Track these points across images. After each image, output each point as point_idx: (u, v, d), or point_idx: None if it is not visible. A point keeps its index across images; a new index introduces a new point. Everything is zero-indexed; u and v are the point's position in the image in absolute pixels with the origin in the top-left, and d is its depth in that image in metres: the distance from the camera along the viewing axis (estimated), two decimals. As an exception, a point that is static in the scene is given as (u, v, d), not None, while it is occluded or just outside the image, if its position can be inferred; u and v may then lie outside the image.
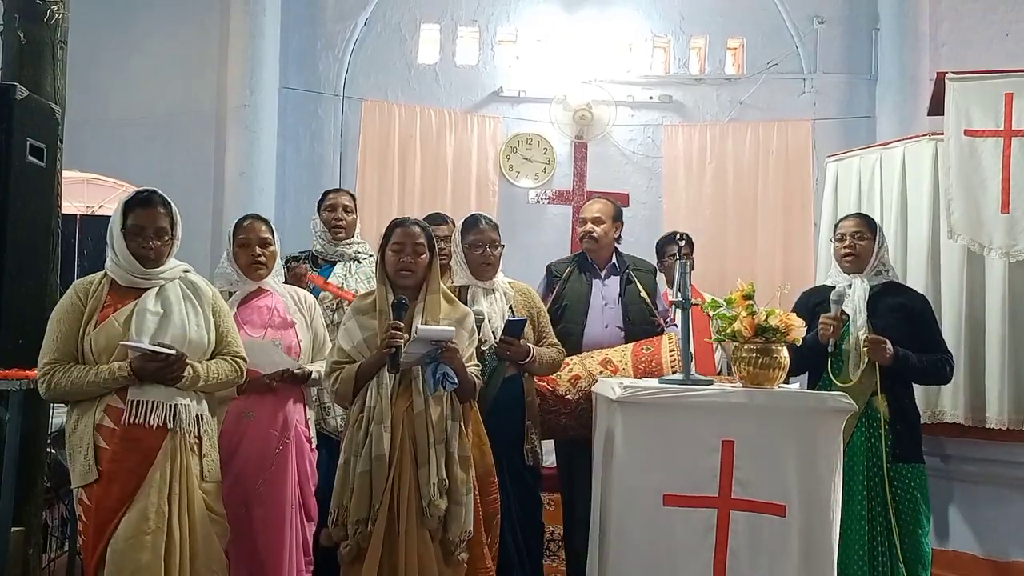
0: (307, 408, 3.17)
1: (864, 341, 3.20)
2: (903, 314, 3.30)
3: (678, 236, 4.21)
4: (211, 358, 2.73)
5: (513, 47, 6.75)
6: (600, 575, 2.83)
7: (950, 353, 3.41)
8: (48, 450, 3.53)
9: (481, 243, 3.31)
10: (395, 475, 2.71)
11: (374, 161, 6.42)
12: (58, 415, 3.62)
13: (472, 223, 3.36)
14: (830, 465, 2.73)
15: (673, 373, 3.24)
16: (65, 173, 3.68)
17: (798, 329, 2.83)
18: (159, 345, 2.55)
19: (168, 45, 6.49)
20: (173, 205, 2.74)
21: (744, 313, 2.85)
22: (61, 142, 3.50)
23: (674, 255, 4.38)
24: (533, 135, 6.60)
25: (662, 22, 6.71)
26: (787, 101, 6.61)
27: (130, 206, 2.67)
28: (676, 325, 3.57)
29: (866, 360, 3.21)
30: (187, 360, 2.60)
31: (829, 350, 3.24)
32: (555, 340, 3.45)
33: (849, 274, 3.38)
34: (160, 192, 2.74)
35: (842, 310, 3.26)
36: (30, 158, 3.24)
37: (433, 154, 6.46)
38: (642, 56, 6.73)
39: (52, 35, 3.53)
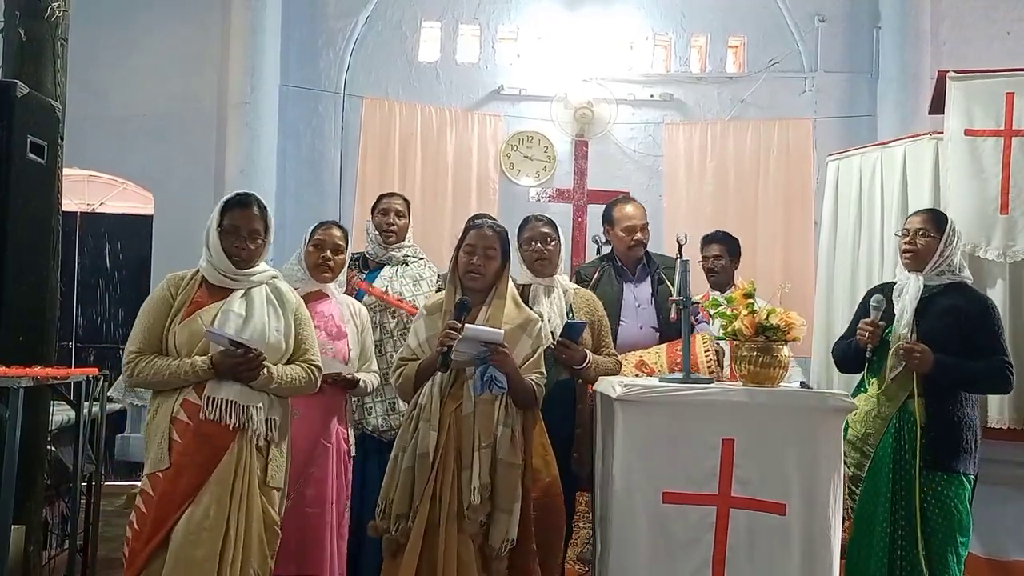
0: (348, 422, 3.26)
1: (898, 347, 3.08)
2: (955, 318, 3.11)
3: (685, 237, 4.10)
4: (288, 364, 2.78)
5: (514, 45, 6.75)
6: (600, 572, 2.83)
7: (1009, 360, 3.14)
8: (48, 448, 3.53)
9: (534, 238, 3.35)
10: (438, 474, 2.70)
11: (375, 159, 6.42)
12: (58, 413, 3.63)
13: (526, 221, 3.45)
14: (830, 464, 2.73)
15: (710, 372, 3.22)
16: (66, 170, 3.69)
17: (798, 328, 2.83)
18: (241, 339, 2.60)
19: (169, 42, 6.49)
20: (268, 209, 2.83)
21: (744, 312, 2.85)
22: (62, 139, 3.50)
23: (715, 255, 4.33)
24: (534, 133, 6.60)
25: (663, 20, 6.71)
26: (788, 99, 6.61)
27: (228, 206, 2.76)
28: (708, 323, 3.55)
29: (901, 366, 3.10)
30: (264, 360, 2.65)
31: (867, 355, 3.18)
32: (614, 351, 3.42)
33: (910, 271, 3.24)
34: (257, 195, 2.83)
35: (879, 318, 3.16)
36: (31, 155, 3.24)
37: (434, 152, 6.45)
38: (643, 54, 6.73)
39: (53, 32, 3.53)
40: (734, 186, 6.45)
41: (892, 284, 3.37)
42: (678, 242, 3.19)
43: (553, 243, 3.37)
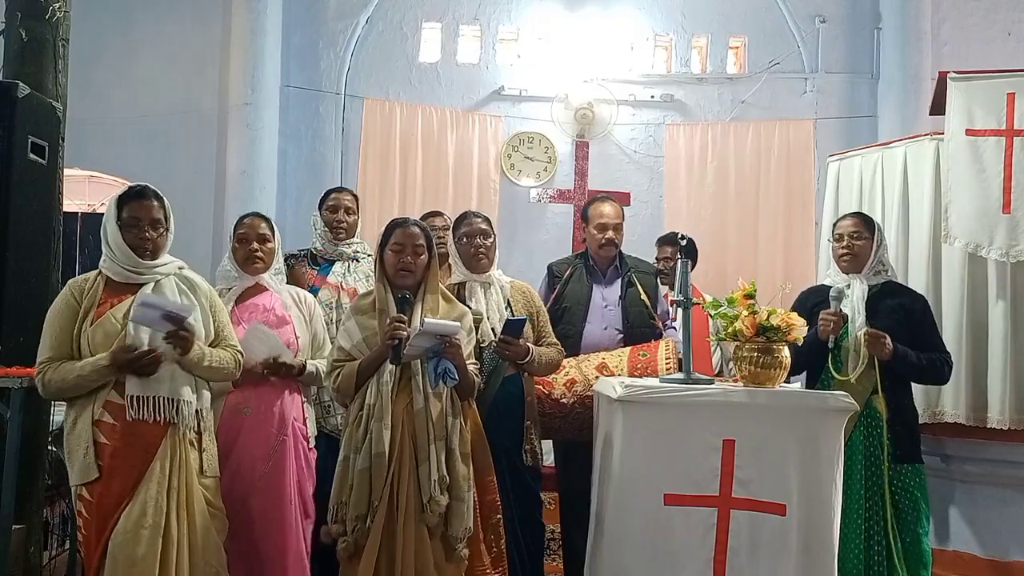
0: (306, 406, 3.17)
1: (864, 335, 3.18)
2: (902, 315, 3.28)
3: (680, 236, 4.18)
4: None
5: (514, 46, 6.75)
6: (600, 574, 2.83)
7: (948, 354, 3.39)
8: (49, 448, 3.53)
9: (471, 234, 3.34)
10: (395, 472, 2.71)
11: (375, 159, 6.42)
12: (59, 412, 3.63)
13: (462, 217, 3.44)
14: (831, 465, 2.73)
15: None
16: (66, 171, 3.68)
17: (799, 328, 2.83)
18: (171, 312, 2.56)
19: (170, 43, 6.49)
20: (165, 199, 2.78)
21: (745, 312, 2.85)
22: (62, 140, 3.50)
23: (666, 257, 4.40)
24: (534, 134, 6.60)
25: (664, 21, 6.71)
26: (789, 100, 6.61)
27: (124, 199, 2.71)
28: (676, 328, 3.56)
29: (865, 360, 3.19)
30: (195, 333, 2.63)
31: (829, 347, 3.23)
32: (555, 340, 3.45)
33: (847, 274, 3.36)
34: (152, 186, 2.77)
35: (841, 309, 3.25)
36: (31, 156, 3.24)
37: (434, 153, 6.46)
38: (644, 55, 6.73)
39: (54, 33, 3.53)
40: (735, 187, 6.45)
41: (822, 287, 3.44)
42: (679, 242, 3.19)
43: (489, 239, 3.36)
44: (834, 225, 3.53)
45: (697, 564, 2.69)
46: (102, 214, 2.79)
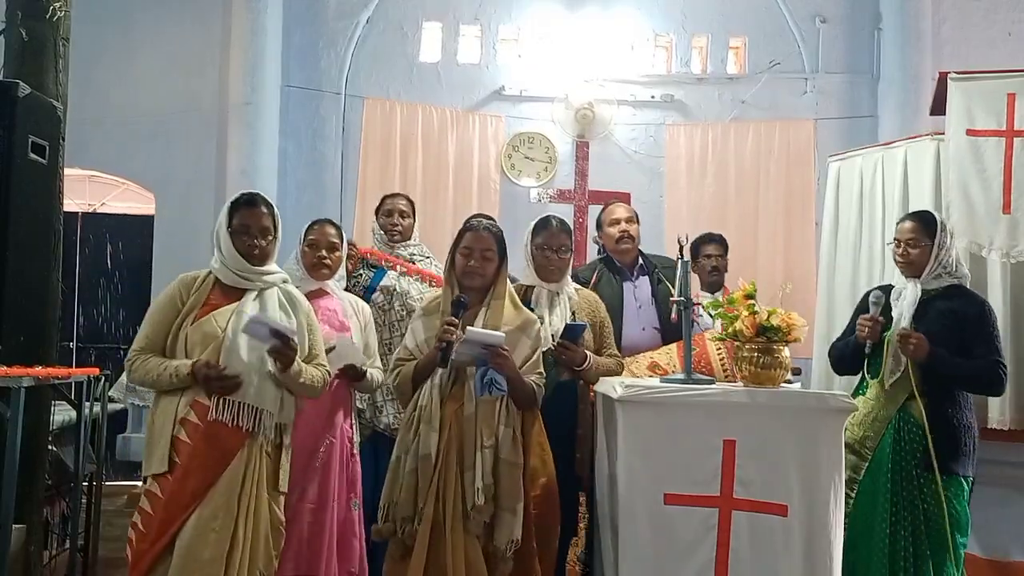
0: (353, 414, 3.25)
1: (896, 335, 3.09)
2: (953, 320, 3.12)
3: (685, 237, 4.11)
4: None
5: (515, 46, 6.75)
6: (602, 573, 2.83)
7: (1003, 362, 3.16)
8: (49, 447, 3.53)
9: (549, 246, 3.31)
10: (441, 476, 2.69)
11: (376, 159, 6.42)
12: (59, 412, 3.63)
13: (543, 224, 3.36)
14: (832, 465, 2.73)
15: (724, 371, 3.22)
16: (67, 170, 3.69)
17: (799, 329, 2.83)
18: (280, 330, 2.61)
19: (170, 43, 6.49)
20: (275, 206, 2.85)
21: (745, 313, 2.85)
22: (63, 139, 3.50)
23: (709, 255, 4.34)
24: (535, 134, 6.60)
25: (664, 21, 6.71)
26: (789, 100, 6.61)
27: (236, 207, 2.77)
28: (708, 320, 3.54)
29: (902, 365, 3.10)
30: (297, 350, 2.67)
31: (866, 351, 3.17)
32: (616, 352, 3.41)
33: (907, 278, 3.25)
34: (263, 194, 2.85)
35: (880, 312, 3.16)
36: (32, 155, 3.24)
37: (435, 152, 6.45)
38: (644, 55, 6.73)
39: (54, 32, 3.53)
40: (735, 187, 6.45)
41: (891, 286, 3.37)
42: (679, 243, 3.18)
43: (567, 253, 3.35)
44: (896, 226, 3.39)
45: (698, 564, 2.69)
46: (102, 214, 2.82)
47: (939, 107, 4.00)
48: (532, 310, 3.16)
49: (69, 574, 3.50)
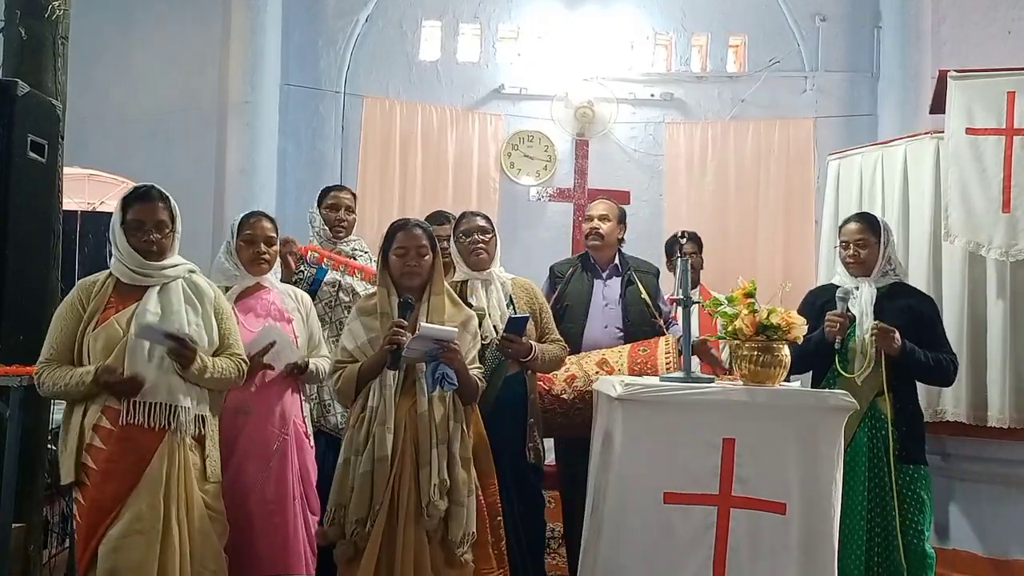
0: (303, 403, 3.19)
1: (872, 328, 3.17)
2: (910, 316, 3.28)
3: (680, 234, 4.18)
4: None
5: (514, 44, 6.74)
6: (599, 573, 2.83)
7: (955, 355, 3.39)
8: (49, 446, 3.53)
9: (469, 231, 3.35)
10: (396, 475, 2.70)
11: (375, 158, 6.42)
12: (59, 411, 3.63)
13: (462, 216, 3.45)
14: (831, 463, 2.73)
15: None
16: (66, 169, 3.68)
17: (799, 327, 2.83)
18: (172, 333, 2.57)
19: (169, 41, 6.48)
20: (171, 199, 2.76)
21: (745, 311, 2.85)
22: (62, 138, 3.50)
23: (684, 253, 4.35)
24: (534, 132, 6.60)
25: (664, 19, 6.70)
26: (789, 99, 6.60)
27: (129, 202, 2.70)
28: (678, 324, 3.56)
29: (872, 361, 3.19)
30: (196, 350, 2.62)
31: (836, 347, 3.22)
32: (558, 336, 3.45)
33: (856, 278, 3.35)
34: (158, 187, 2.76)
35: (848, 309, 3.24)
36: (31, 154, 3.24)
37: (434, 151, 6.45)
38: (644, 53, 6.72)
39: (53, 31, 3.53)
40: (735, 185, 6.44)
41: (830, 286, 3.43)
42: (678, 241, 3.19)
43: (489, 236, 3.37)
44: (840, 228, 3.50)
45: (696, 563, 2.69)
46: (102, 212, 2.82)
47: (939, 105, 4.01)
48: (470, 304, 3.17)
49: (69, 573, 3.50)
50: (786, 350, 2.84)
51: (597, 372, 3.47)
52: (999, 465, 3.87)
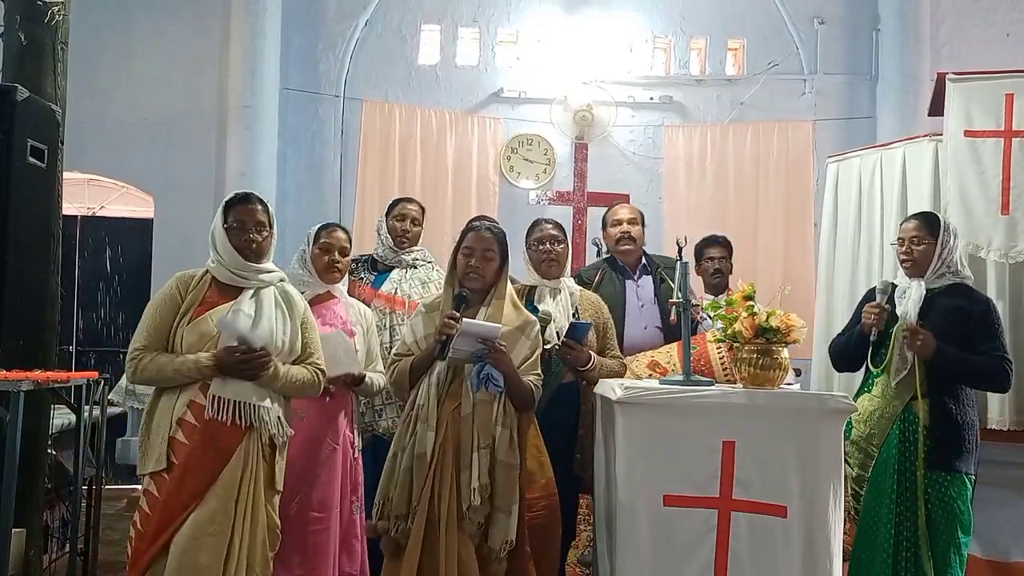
0: (355, 417, 3.24)
1: (903, 329, 3.09)
2: (958, 316, 3.12)
3: (676, 240, 4.14)
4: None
5: (513, 48, 6.76)
6: (602, 575, 2.83)
7: (1010, 360, 3.14)
8: (49, 451, 3.52)
9: (542, 239, 3.40)
10: (436, 475, 2.69)
11: (375, 162, 6.43)
12: (59, 416, 3.63)
13: (535, 223, 3.50)
14: (831, 466, 2.73)
15: (724, 371, 3.21)
16: (66, 174, 3.68)
17: (798, 330, 2.83)
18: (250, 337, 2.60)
19: (169, 46, 6.50)
20: (269, 204, 2.86)
21: (745, 314, 2.85)
22: (62, 143, 3.50)
23: (712, 258, 4.34)
24: (533, 136, 6.61)
25: (663, 23, 6.72)
26: (788, 102, 6.62)
27: (230, 204, 2.78)
28: (708, 320, 3.54)
29: (907, 363, 3.11)
30: (272, 359, 2.64)
31: (871, 339, 3.18)
32: (619, 353, 3.43)
33: (911, 278, 3.25)
34: (255, 192, 2.86)
35: (892, 304, 3.18)
36: (31, 159, 3.24)
37: (433, 155, 6.47)
38: (643, 57, 6.74)
39: (53, 36, 3.53)
40: (734, 188, 6.46)
41: (895, 284, 3.37)
42: (678, 244, 3.18)
43: (561, 245, 3.41)
44: (900, 226, 3.41)
45: (697, 566, 2.69)
46: (102, 217, 2.81)
47: (937, 108, 4.01)
48: (536, 308, 3.16)
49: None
50: (786, 353, 2.84)
51: (650, 375, 3.40)
52: (999, 467, 3.85)
